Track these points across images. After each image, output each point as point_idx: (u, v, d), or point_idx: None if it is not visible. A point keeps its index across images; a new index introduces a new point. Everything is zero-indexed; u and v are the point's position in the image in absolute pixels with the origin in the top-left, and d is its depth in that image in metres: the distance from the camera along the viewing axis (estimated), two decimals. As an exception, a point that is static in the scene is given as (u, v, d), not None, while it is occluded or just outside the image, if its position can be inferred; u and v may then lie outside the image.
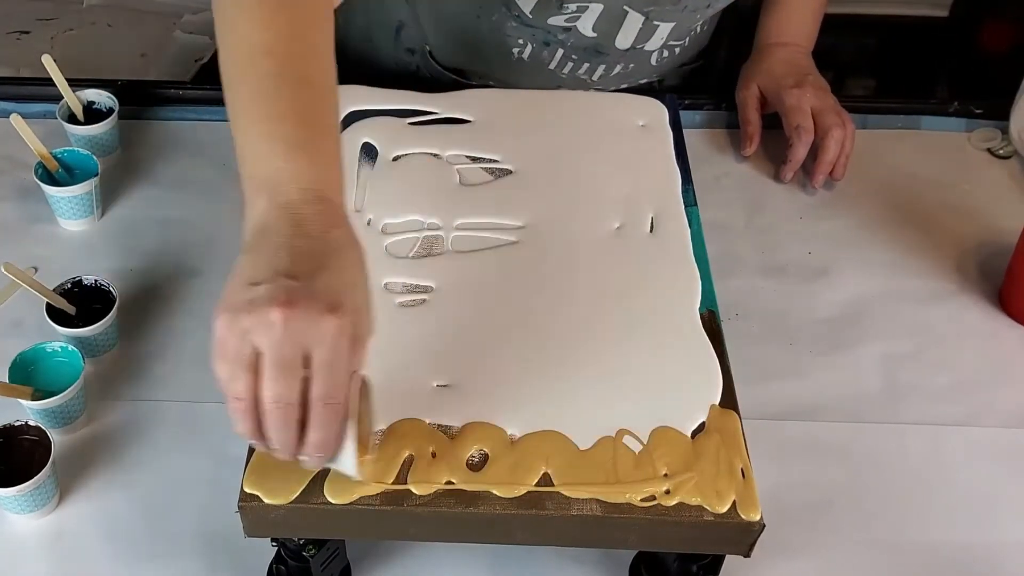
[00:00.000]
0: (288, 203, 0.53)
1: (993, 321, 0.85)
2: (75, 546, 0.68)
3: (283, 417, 0.50)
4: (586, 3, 0.86)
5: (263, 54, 0.58)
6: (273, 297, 0.49)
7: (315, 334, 0.49)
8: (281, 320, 0.48)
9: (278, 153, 0.55)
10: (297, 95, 0.57)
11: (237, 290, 0.51)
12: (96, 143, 0.92)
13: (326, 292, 0.50)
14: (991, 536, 0.71)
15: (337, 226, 0.53)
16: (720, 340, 0.66)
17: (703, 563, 0.62)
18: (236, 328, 0.49)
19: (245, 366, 0.49)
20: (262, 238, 0.52)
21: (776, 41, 1.00)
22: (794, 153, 0.93)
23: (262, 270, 0.51)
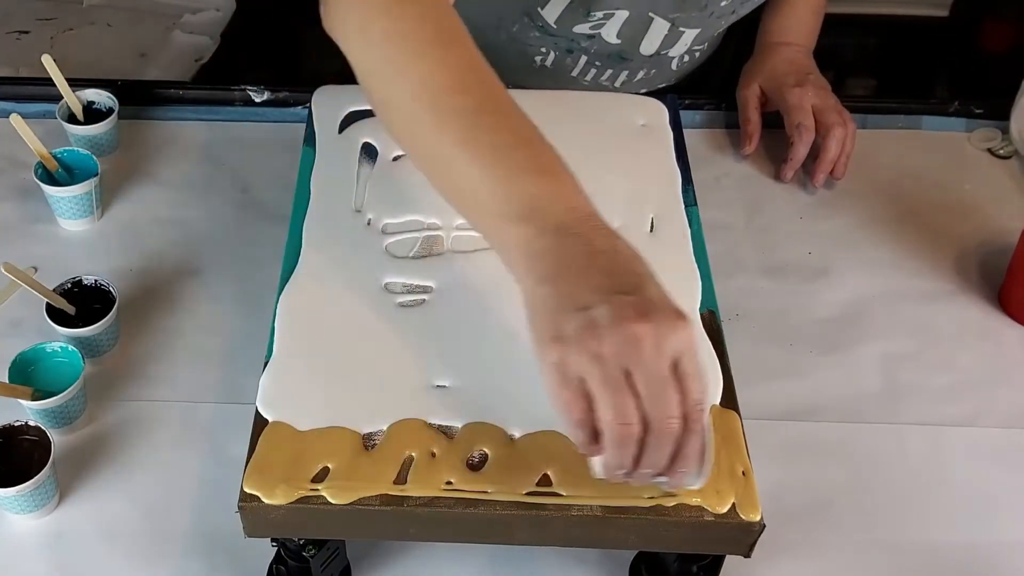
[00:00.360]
0: (562, 225, 0.52)
1: (993, 321, 0.85)
2: (75, 546, 0.68)
3: (672, 431, 0.49)
4: (612, 10, 0.86)
5: (458, 92, 0.57)
6: (623, 316, 0.48)
7: (679, 342, 0.49)
8: (647, 334, 0.48)
9: (523, 181, 0.54)
10: (511, 124, 0.56)
11: (565, 319, 0.49)
12: (96, 143, 0.92)
13: (662, 300, 0.50)
14: (991, 536, 0.71)
15: (616, 237, 0.53)
16: (720, 340, 0.66)
17: (703, 563, 0.62)
18: (587, 355, 0.48)
19: (621, 390, 0.48)
20: (555, 264, 0.51)
21: (778, 40, 1.00)
22: (795, 152, 0.93)
23: (585, 293, 0.49)
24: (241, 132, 0.98)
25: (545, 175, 0.54)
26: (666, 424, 0.49)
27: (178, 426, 0.75)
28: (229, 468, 0.68)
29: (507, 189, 0.54)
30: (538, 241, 0.52)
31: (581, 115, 0.82)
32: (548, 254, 0.51)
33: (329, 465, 0.58)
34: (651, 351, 0.48)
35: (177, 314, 0.82)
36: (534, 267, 0.52)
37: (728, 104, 1.00)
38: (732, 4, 0.90)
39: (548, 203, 0.53)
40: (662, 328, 0.48)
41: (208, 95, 0.99)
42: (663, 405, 0.48)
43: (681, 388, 0.49)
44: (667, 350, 0.48)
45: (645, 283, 0.50)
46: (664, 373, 0.48)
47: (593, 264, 0.51)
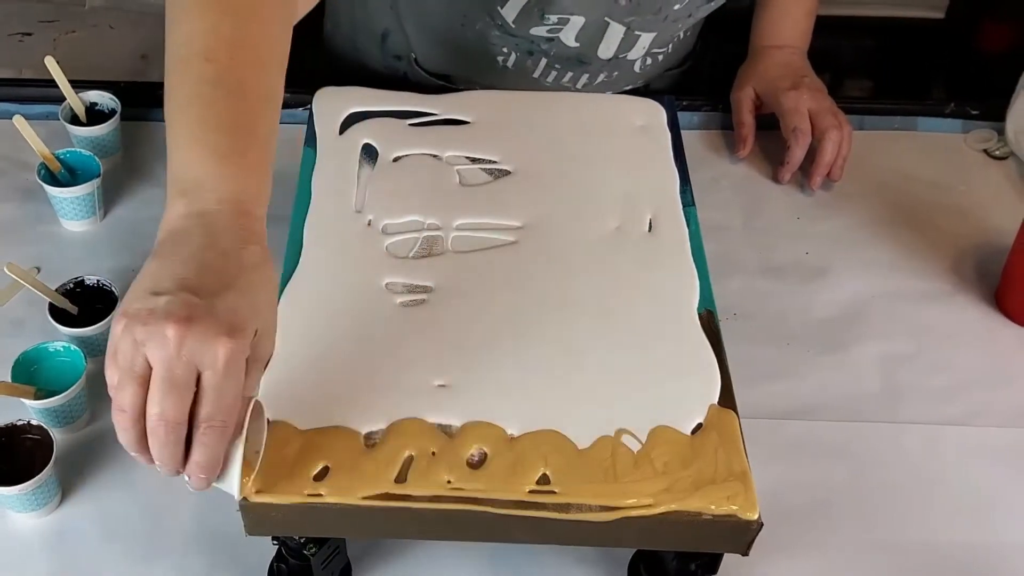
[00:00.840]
0: (204, 211, 0.52)
1: (990, 321, 0.85)
2: (76, 545, 0.69)
3: (166, 435, 0.49)
4: (567, 16, 0.87)
5: (203, 59, 0.57)
6: (172, 312, 0.48)
7: (208, 355, 0.49)
8: (176, 337, 0.48)
9: (202, 159, 0.54)
10: (232, 104, 0.56)
11: (139, 296, 0.50)
12: (98, 144, 0.92)
13: (227, 313, 0.49)
14: (990, 536, 0.71)
15: (252, 242, 0.53)
16: (718, 340, 0.66)
17: (701, 562, 0.63)
18: (130, 336, 0.49)
19: (134, 378, 0.49)
20: (173, 245, 0.51)
21: (771, 43, 1.00)
22: (791, 155, 0.93)
23: (167, 280, 0.50)
24: (242, 133, 0.98)
25: (222, 161, 0.54)
26: (155, 425, 0.49)
27: (179, 426, 0.75)
28: (230, 467, 0.68)
29: (185, 163, 0.54)
30: (179, 220, 0.52)
31: (580, 115, 0.82)
32: (175, 234, 0.52)
33: (329, 464, 0.58)
34: (172, 352, 0.48)
35: (178, 314, 0.82)
36: (160, 240, 0.52)
37: (725, 105, 1.00)
38: (687, 8, 0.90)
39: (208, 188, 0.53)
40: (196, 336, 0.48)
41: (209, 96, 0.99)
42: (158, 407, 0.49)
43: (199, 400, 0.49)
44: (189, 358, 0.48)
45: (227, 292, 0.50)
46: (174, 378, 0.48)
47: (198, 257, 0.51)
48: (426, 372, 0.63)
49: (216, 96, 0.56)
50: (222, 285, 0.50)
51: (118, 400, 0.50)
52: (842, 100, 0.96)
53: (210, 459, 0.51)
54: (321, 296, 0.67)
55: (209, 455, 0.51)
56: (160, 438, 0.50)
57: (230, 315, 0.50)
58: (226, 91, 0.57)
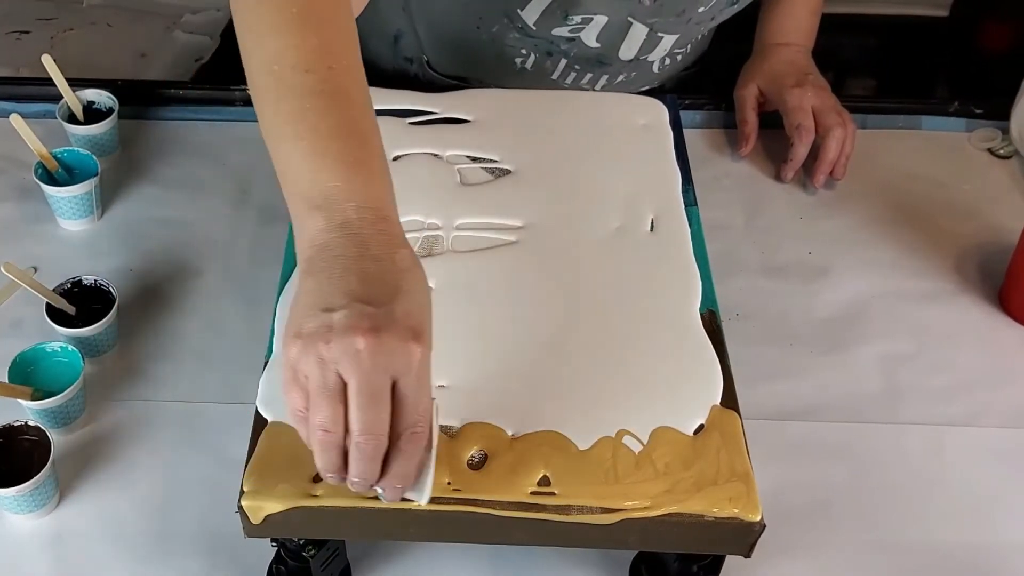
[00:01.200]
0: (347, 222, 0.51)
1: (993, 321, 0.85)
2: (75, 546, 0.68)
3: (373, 449, 0.49)
4: (591, 15, 0.86)
5: (302, 71, 0.56)
6: (354, 325, 0.48)
7: (402, 362, 0.48)
8: (368, 348, 0.47)
9: (330, 170, 0.53)
10: (343, 111, 0.56)
11: (309, 315, 0.49)
12: (96, 143, 0.92)
13: (406, 318, 0.49)
14: (991, 536, 0.71)
15: (400, 246, 0.52)
16: (720, 340, 0.66)
17: (703, 563, 0.62)
18: (314, 356, 0.48)
19: (330, 396, 0.48)
20: (324, 260, 0.51)
21: (776, 41, 1.00)
22: (795, 152, 0.93)
23: (335, 295, 0.49)
24: (241, 132, 0.98)
25: (352, 169, 0.54)
26: (365, 440, 0.49)
27: (178, 426, 0.75)
28: (229, 468, 0.68)
29: (311, 176, 0.54)
30: (321, 235, 0.52)
31: (581, 115, 0.82)
32: (323, 249, 0.51)
33: (329, 465, 0.58)
34: (368, 365, 0.47)
35: (177, 314, 0.82)
36: (308, 258, 0.52)
37: (728, 104, 1.00)
38: (711, 11, 0.90)
39: (343, 197, 0.52)
40: (387, 345, 0.48)
41: (208, 95, 0.99)
42: (366, 421, 0.48)
43: (395, 409, 0.49)
44: (385, 367, 0.48)
45: (398, 297, 0.50)
46: (375, 390, 0.48)
47: (356, 268, 0.50)
48: (426, 372, 0.63)
49: (325, 106, 0.56)
50: (390, 292, 0.50)
51: (318, 421, 0.49)
52: (845, 99, 0.96)
53: (410, 468, 0.51)
54: (320, 296, 0.67)
55: (409, 464, 0.51)
56: (366, 453, 0.49)
57: (409, 320, 0.49)
58: (332, 100, 0.56)
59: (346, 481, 0.51)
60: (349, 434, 0.49)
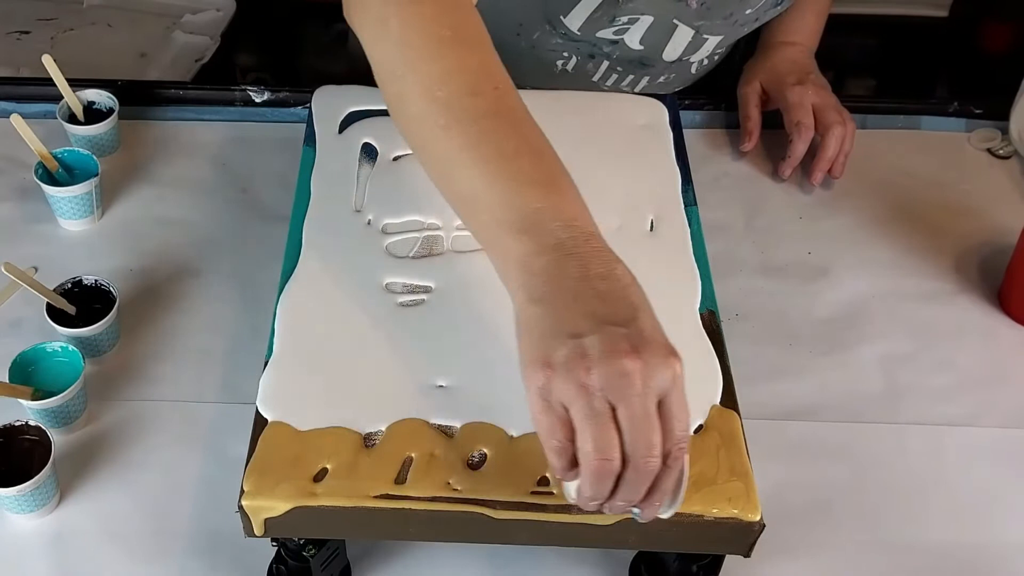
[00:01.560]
0: (560, 243, 0.51)
1: (993, 321, 0.85)
2: (75, 546, 0.68)
3: (651, 468, 0.48)
4: (637, 15, 0.86)
5: (470, 95, 0.56)
6: (614, 348, 0.47)
7: (667, 379, 0.48)
8: (637, 370, 0.46)
9: (528, 192, 0.53)
10: (520, 131, 0.55)
11: (554, 344, 0.48)
12: (96, 143, 0.92)
13: (655, 333, 0.49)
14: (991, 536, 0.71)
15: (616, 261, 0.52)
16: (720, 340, 0.66)
17: (703, 563, 0.62)
18: (575, 384, 0.47)
19: (604, 424, 0.47)
20: (549, 284, 0.50)
21: (781, 40, 1.00)
22: (794, 149, 0.93)
23: (577, 319, 0.48)
24: (241, 132, 0.98)
25: (548, 188, 0.53)
26: (644, 462, 0.48)
27: (178, 426, 0.75)
28: (229, 468, 0.68)
29: (508, 199, 0.53)
30: (535, 258, 0.51)
31: (581, 115, 0.82)
32: (544, 273, 0.50)
33: (329, 465, 0.58)
34: (639, 387, 0.47)
35: (177, 314, 0.82)
36: (528, 284, 0.51)
37: (728, 104, 1.00)
38: (756, 12, 0.90)
39: (548, 218, 0.52)
40: (652, 365, 0.47)
41: (208, 95, 0.99)
42: (645, 443, 0.47)
43: (664, 426, 0.48)
44: (655, 387, 0.47)
45: (639, 314, 0.49)
46: (650, 411, 0.48)
47: (588, 289, 0.50)
48: (426, 372, 0.63)
49: (503, 128, 0.55)
50: (630, 309, 0.49)
51: (592, 449, 0.47)
52: (845, 99, 0.96)
53: (671, 483, 0.50)
54: (321, 296, 0.67)
55: (674, 479, 0.50)
56: (644, 474, 0.48)
57: (658, 335, 0.49)
58: (508, 121, 0.55)
59: (604, 506, 0.50)
60: (624, 459, 0.48)
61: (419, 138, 0.58)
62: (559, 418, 0.49)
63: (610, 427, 0.47)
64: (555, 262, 0.50)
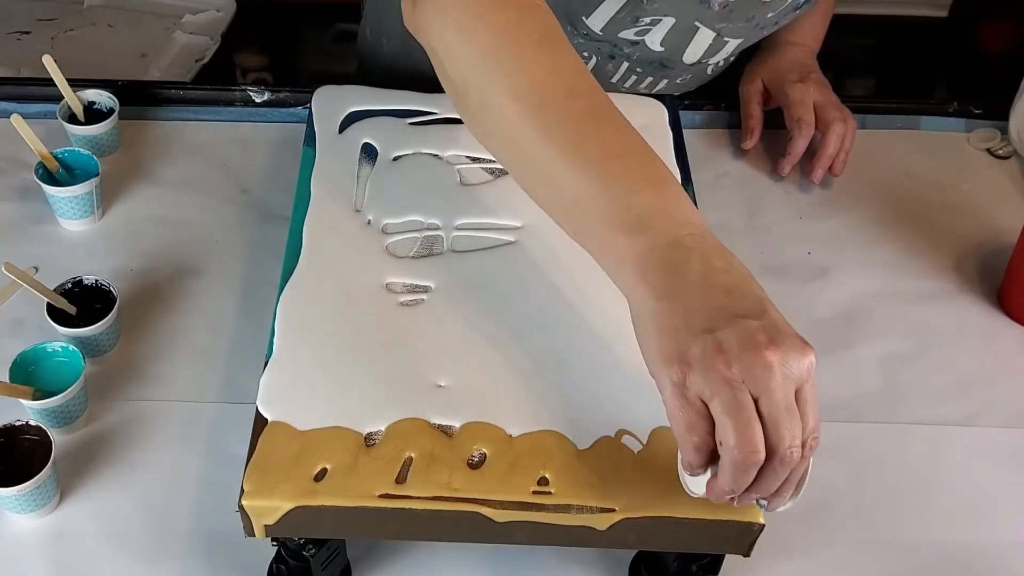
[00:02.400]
0: (676, 240, 0.51)
1: (992, 321, 0.85)
2: (75, 546, 0.68)
3: (794, 459, 0.48)
4: (659, 17, 0.86)
5: (568, 97, 0.55)
6: (752, 341, 0.47)
7: (803, 369, 0.48)
8: (778, 362, 0.47)
9: (638, 192, 0.53)
10: (620, 132, 0.55)
11: (689, 339, 0.48)
12: (97, 143, 0.92)
13: (785, 326, 0.49)
14: (991, 536, 0.71)
15: (732, 255, 0.52)
16: (720, 340, 0.66)
17: (703, 563, 0.62)
18: (717, 378, 0.47)
19: (750, 418, 0.47)
20: (672, 281, 0.50)
21: (783, 39, 1.00)
22: (794, 146, 0.93)
23: (711, 314, 0.49)
24: (241, 132, 0.98)
25: (656, 187, 0.53)
26: (787, 453, 0.48)
27: (179, 426, 0.75)
28: (229, 468, 0.68)
29: (616, 200, 0.53)
30: (652, 256, 0.51)
31: (581, 115, 0.82)
32: (665, 269, 0.51)
33: (329, 465, 0.58)
34: (780, 379, 0.47)
35: (177, 314, 0.82)
36: (649, 281, 0.51)
37: (728, 104, 1.00)
38: (777, 15, 0.89)
39: (661, 217, 0.52)
40: (790, 356, 0.48)
41: (208, 95, 0.99)
42: (788, 434, 0.48)
43: (801, 416, 0.49)
44: (794, 378, 0.48)
45: (767, 307, 0.50)
46: (791, 402, 0.48)
47: (712, 283, 0.50)
48: (426, 372, 0.63)
49: (604, 129, 0.55)
50: (758, 302, 0.50)
51: (739, 441, 0.48)
52: (845, 99, 0.96)
53: (801, 473, 0.51)
54: (321, 296, 0.67)
55: (802, 469, 0.50)
56: (788, 466, 0.49)
57: (787, 326, 0.49)
58: (607, 121, 0.56)
59: (734, 499, 0.51)
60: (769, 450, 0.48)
61: (510, 145, 0.57)
62: (699, 413, 0.49)
63: (755, 420, 0.48)
64: (675, 258, 0.51)
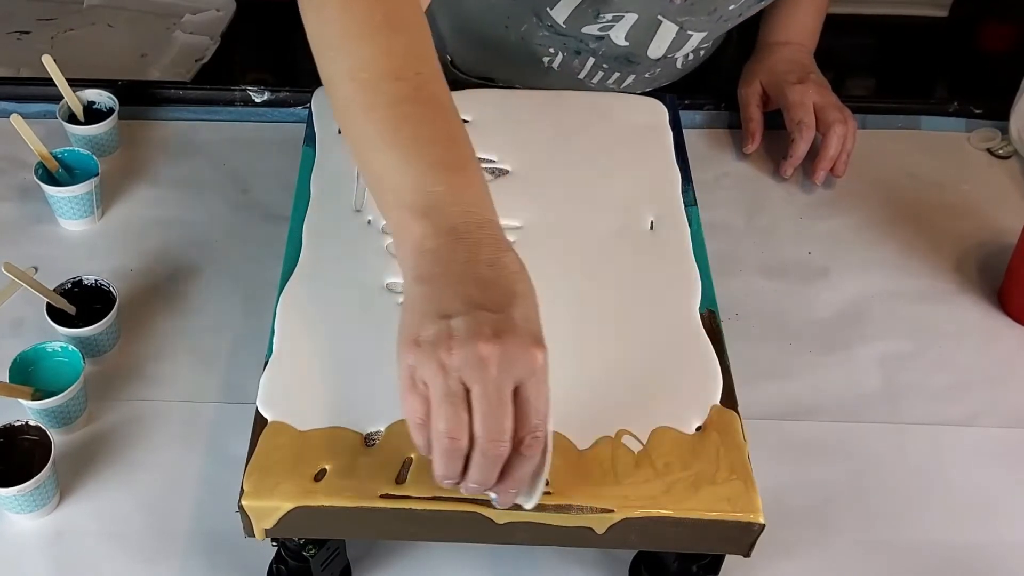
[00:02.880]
0: (454, 228, 0.52)
1: (992, 321, 0.85)
2: (75, 546, 0.68)
3: (498, 453, 0.49)
4: (621, 12, 0.86)
5: (392, 79, 0.56)
6: (477, 331, 0.48)
7: (526, 367, 0.48)
8: (493, 355, 0.48)
9: (433, 176, 0.53)
10: (438, 118, 0.56)
11: (425, 323, 0.49)
12: (96, 143, 0.92)
13: (525, 322, 0.49)
14: (991, 536, 0.71)
15: (507, 250, 0.53)
16: (720, 340, 0.66)
17: (703, 563, 0.62)
18: (436, 363, 0.48)
19: (456, 403, 0.48)
20: (436, 266, 0.51)
21: (779, 40, 1.00)
22: (795, 148, 0.93)
23: (452, 301, 0.49)
24: (241, 132, 0.98)
25: (453, 173, 0.54)
26: (492, 446, 0.49)
27: (179, 426, 0.75)
28: (229, 468, 0.68)
29: (413, 182, 0.54)
30: (428, 240, 0.52)
31: (581, 115, 0.82)
32: (432, 255, 0.51)
33: (329, 465, 0.58)
34: (494, 372, 0.48)
35: (177, 314, 0.82)
36: (416, 265, 0.52)
37: (728, 104, 1.00)
38: (740, 8, 0.90)
39: (448, 204, 0.53)
40: (511, 351, 0.48)
41: (208, 95, 0.99)
42: (494, 427, 0.48)
43: (519, 413, 0.49)
44: (511, 374, 0.48)
45: (515, 302, 0.50)
46: (502, 396, 0.48)
47: (470, 273, 0.50)
48: (426, 372, 0.63)
49: (420, 113, 0.56)
50: (506, 296, 0.50)
51: (444, 429, 0.49)
52: (845, 99, 0.96)
53: (528, 471, 0.51)
54: (320, 296, 0.67)
55: (528, 467, 0.51)
56: (492, 458, 0.49)
57: (528, 324, 0.50)
58: (427, 107, 0.56)
59: (460, 486, 0.51)
60: (473, 440, 0.49)
61: (343, 119, 0.58)
62: (421, 396, 0.50)
63: (461, 408, 0.48)
64: (445, 245, 0.51)
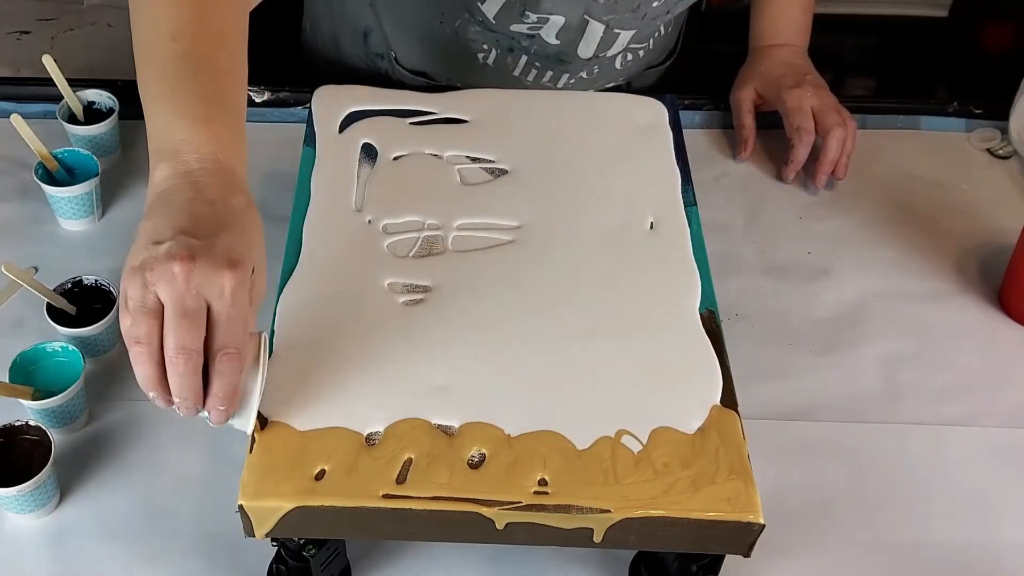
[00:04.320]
0: (189, 171, 0.56)
1: (993, 321, 0.85)
2: (75, 546, 0.68)
3: (185, 364, 0.53)
4: (547, 15, 0.87)
5: (170, 39, 0.61)
6: (175, 253, 0.52)
7: (215, 287, 0.53)
8: (183, 272, 0.52)
9: (181, 126, 0.58)
10: (201, 75, 0.61)
11: (140, 250, 0.54)
12: (96, 143, 0.92)
13: (226, 250, 0.53)
14: (991, 536, 0.71)
15: (237, 193, 0.57)
16: (720, 340, 0.66)
17: (703, 563, 0.62)
18: (139, 281, 0.53)
19: (147, 313, 0.52)
20: (162, 204, 0.55)
21: (770, 43, 1.00)
22: (795, 154, 0.93)
23: (164, 230, 0.54)
24: (241, 132, 0.98)
25: (200, 125, 0.58)
26: (177, 358, 0.53)
27: (178, 426, 0.74)
28: (229, 468, 0.68)
29: (166, 131, 0.58)
30: (165, 182, 0.56)
31: (580, 115, 0.82)
32: (163, 194, 0.56)
33: (329, 465, 0.58)
34: (182, 287, 0.52)
35: (177, 314, 0.82)
36: (149, 204, 0.56)
37: (728, 104, 1.00)
38: (665, 5, 0.90)
39: (188, 150, 0.57)
40: (201, 269, 0.52)
41: (208, 95, 0.99)
42: (177, 339, 0.52)
43: (209, 331, 0.53)
44: (198, 290, 0.52)
45: (221, 233, 0.54)
46: (187, 310, 0.52)
47: (189, 208, 0.54)
48: (426, 372, 0.63)
49: (186, 70, 0.60)
50: (216, 227, 0.54)
51: (134, 333, 0.53)
52: (844, 99, 0.96)
53: (228, 388, 0.54)
54: (321, 296, 0.67)
55: (227, 384, 0.54)
56: (180, 368, 0.53)
57: (228, 252, 0.54)
58: (194, 66, 0.61)
59: (173, 405, 0.55)
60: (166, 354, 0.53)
61: (137, 76, 0.63)
62: (125, 309, 0.54)
63: (150, 317, 0.52)
64: (177, 186, 0.56)
